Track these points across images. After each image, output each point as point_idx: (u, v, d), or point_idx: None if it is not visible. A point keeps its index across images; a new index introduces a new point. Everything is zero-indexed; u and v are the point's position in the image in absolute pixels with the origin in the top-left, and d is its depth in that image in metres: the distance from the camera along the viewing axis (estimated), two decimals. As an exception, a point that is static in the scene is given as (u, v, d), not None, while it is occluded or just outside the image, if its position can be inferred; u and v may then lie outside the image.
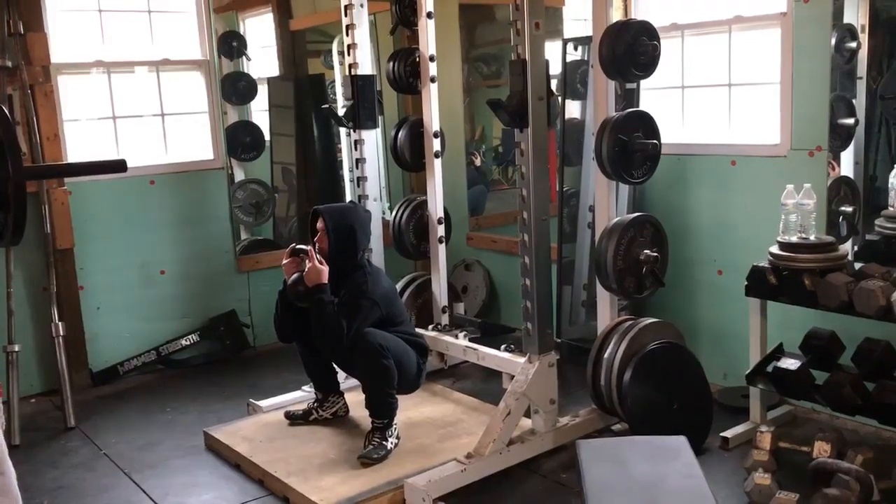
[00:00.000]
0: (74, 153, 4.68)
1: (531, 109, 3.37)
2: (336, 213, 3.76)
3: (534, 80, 3.36)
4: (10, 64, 4.30)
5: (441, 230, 4.53)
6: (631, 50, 3.44)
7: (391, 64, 4.55)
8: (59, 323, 4.37)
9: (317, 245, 3.70)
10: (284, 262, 3.68)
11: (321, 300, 3.52)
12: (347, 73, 4.41)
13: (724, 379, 4.21)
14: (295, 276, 3.61)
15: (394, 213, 4.68)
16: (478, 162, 5.81)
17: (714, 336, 4.26)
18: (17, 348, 4.21)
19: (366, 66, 4.39)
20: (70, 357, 4.44)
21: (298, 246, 3.67)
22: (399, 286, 4.61)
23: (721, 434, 3.61)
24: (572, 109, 4.84)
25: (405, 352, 3.68)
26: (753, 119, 4.09)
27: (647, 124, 3.57)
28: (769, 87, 3.93)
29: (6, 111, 2.62)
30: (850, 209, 3.74)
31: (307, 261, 3.57)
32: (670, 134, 4.19)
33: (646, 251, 3.57)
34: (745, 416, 3.74)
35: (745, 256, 3.75)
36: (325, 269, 3.57)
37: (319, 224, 3.72)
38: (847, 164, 3.79)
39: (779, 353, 3.57)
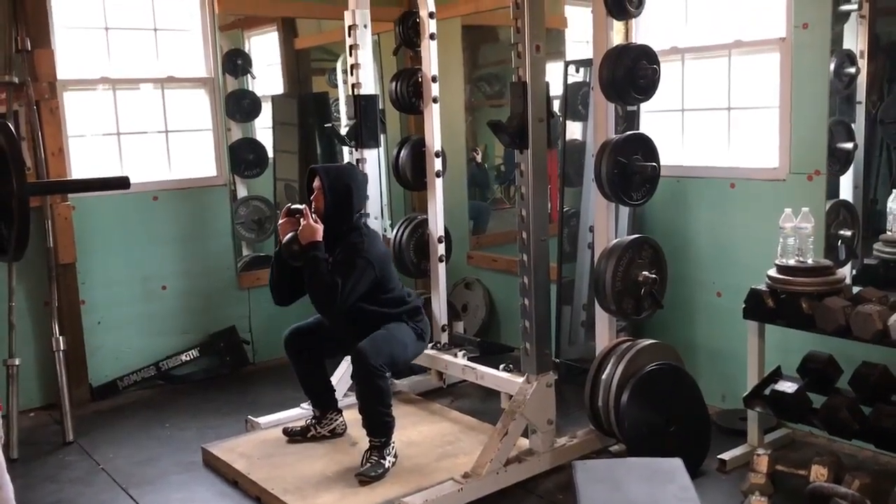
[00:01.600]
0: (79, 169, 4.70)
1: (531, 131, 3.40)
2: (333, 172, 3.74)
3: (534, 101, 3.39)
4: (16, 80, 4.34)
5: (441, 249, 4.56)
6: (631, 73, 3.47)
7: (394, 84, 4.59)
8: (60, 337, 4.38)
9: (313, 204, 3.65)
10: (280, 221, 3.66)
11: (315, 257, 3.49)
12: (350, 92, 4.45)
13: (722, 401, 4.22)
14: (290, 234, 3.59)
15: (394, 231, 4.70)
16: (479, 158, 5.82)
17: (712, 358, 4.27)
18: (17, 362, 4.21)
19: (369, 86, 4.43)
20: (70, 371, 4.45)
21: (294, 206, 3.64)
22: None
23: (718, 456, 3.61)
24: (573, 130, 4.87)
25: (399, 341, 3.67)
26: (753, 142, 4.12)
27: (646, 147, 3.60)
28: (768, 110, 3.96)
29: (11, 127, 2.66)
30: (848, 233, 3.76)
31: (302, 220, 3.55)
32: (670, 156, 4.23)
33: (644, 272, 3.59)
34: (743, 439, 3.74)
35: (744, 278, 3.76)
36: (320, 227, 3.54)
37: (316, 183, 3.68)
38: (846, 188, 3.81)
39: (776, 376, 3.58)
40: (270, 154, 6.03)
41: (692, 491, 2.34)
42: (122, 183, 2.98)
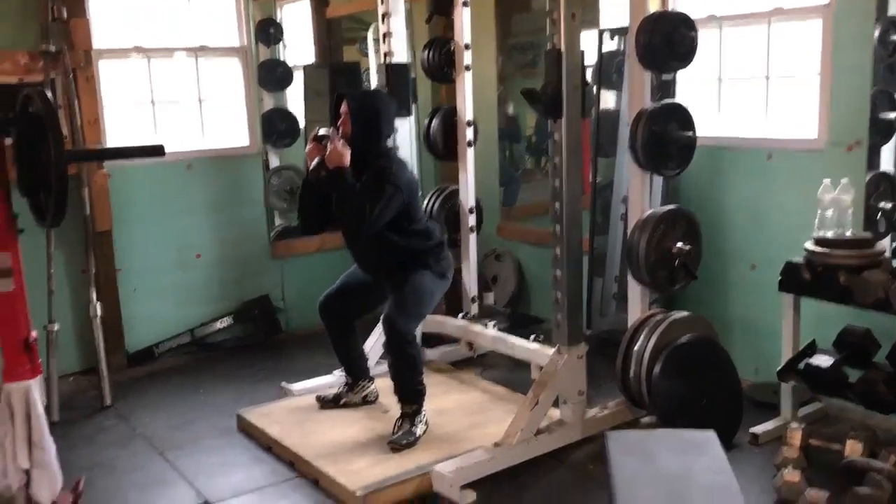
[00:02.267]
0: (113, 137, 4.74)
1: (566, 100, 3.37)
2: (360, 97, 3.69)
3: (569, 70, 3.35)
4: (53, 49, 4.36)
5: (472, 220, 4.55)
6: (668, 40, 3.42)
7: (426, 52, 4.56)
8: (97, 303, 4.45)
9: (340, 129, 3.58)
10: (308, 147, 3.61)
11: (343, 181, 3.43)
12: (382, 61, 4.43)
13: (755, 374, 4.18)
14: (316, 160, 3.55)
15: (425, 202, 4.69)
16: (510, 111, 5.76)
17: (746, 331, 4.23)
18: (56, 327, 4.29)
19: (401, 55, 4.40)
20: (107, 337, 4.52)
21: (321, 131, 3.57)
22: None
23: (751, 430, 3.58)
24: (607, 100, 4.81)
25: (426, 293, 3.66)
26: (791, 112, 4.04)
27: (682, 116, 3.55)
28: (808, 79, 3.88)
29: (49, 96, 2.69)
30: (889, 205, 3.68)
31: (329, 144, 3.49)
32: (706, 126, 4.15)
33: (678, 244, 3.56)
34: (776, 413, 3.71)
35: (779, 251, 3.71)
36: (347, 151, 3.47)
37: (343, 108, 3.60)
38: (888, 159, 3.73)
39: (811, 349, 3.53)
40: (302, 124, 6.04)
41: (725, 463, 2.33)
42: (157, 151, 3.01)
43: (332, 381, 4.22)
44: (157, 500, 3.34)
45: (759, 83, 4.16)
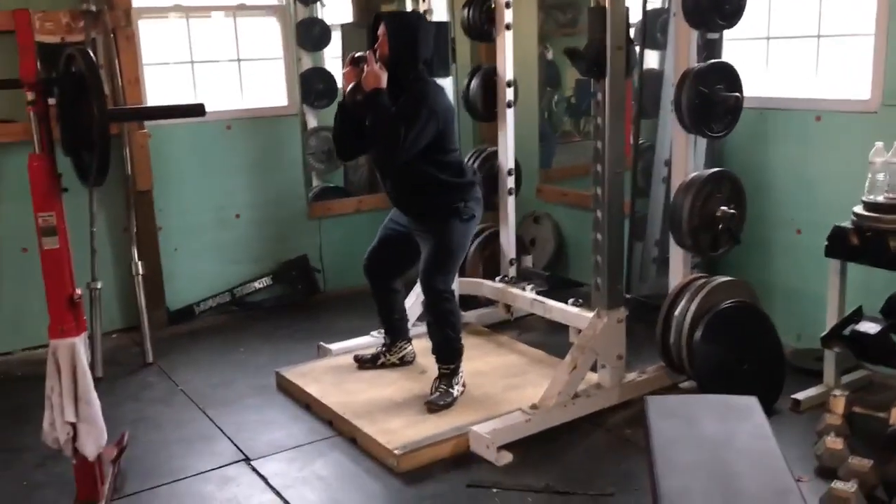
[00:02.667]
0: (154, 97, 4.77)
1: (609, 59, 3.30)
2: (398, 19, 3.65)
3: (613, 28, 3.27)
4: (94, 8, 4.38)
5: (511, 182, 4.51)
6: (716, -1, 3.31)
7: (466, 10, 4.49)
8: (139, 262, 4.51)
9: (377, 52, 3.51)
10: (344, 70, 3.56)
11: (378, 102, 3.37)
12: (422, 19, 4.36)
13: (797, 340, 4.12)
14: (353, 83, 3.50)
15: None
16: (549, 55, 5.67)
17: (789, 296, 4.16)
18: (99, 285, 4.36)
19: (440, 13, 4.34)
20: (149, 296, 4.59)
21: (358, 54, 3.51)
22: (468, 237, 4.60)
23: (792, 396, 3.54)
24: (651, 60, 4.71)
25: (459, 245, 3.63)
26: (842, 73, 3.92)
27: (729, 76, 3.46)
28: (861, 38, 3.75)
29: (91, 55, 2.69)
30: (943, 170, 3.57)
31: (366, 66, 3.44)
32: (753, 87, 4.04)
33: (723, 208, 3.49)
34: (818, 379, 3.66)
35: (825, 216, 3.62)
36: (384, 73, 3.42)
37: (381, 30, 3.53)
38: (943, 122, 3.61)
39: (858, 316, 3.46)
40: (339, 84, 6.00)
41: (767, 429, 2.30)
42: (198, 110, 3.00)
43: (370, 341, 4.24)
44: (199, 455, 3.39)
45: (809, 42, 4.04)
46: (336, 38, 6.09)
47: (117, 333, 4.77)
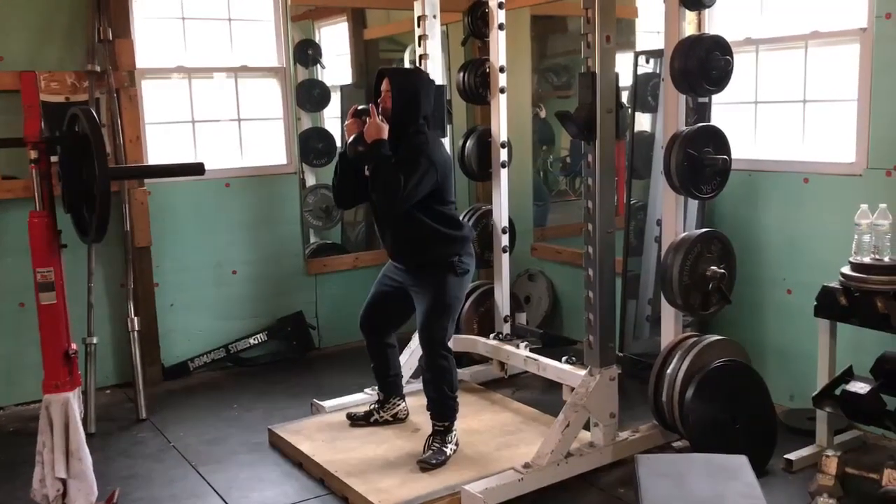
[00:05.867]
0: (155, 155, 4.85)
1: (600, 122, 3.38)
2: (401, 75, 3.76)
3: (603, 92, 3.36)
4: (98, 69, 4.49)
5: (505, 240, 4.57)
6: (703, 64, 3.41)
7: (461, 74, 4.61)
8: (135, 318, 4.53)
9: (380, 106, 3.61)
10: (346, 122, 3.63)
11: (379, 153, 3.45)
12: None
13: (790, 400, 4.13)
14: (354, 135, 3.57)
15: (459, 221, 4.72)
16: (542, 114, 5.77)
17: (781, 356, 4.18)
18: (94, 340, 4.38)
19: (436, 76, 4.44)
20: (144, 351, 4.60)
21: (360, 107, 3.60)
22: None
23: (785, 456, 3.54)
24: (642, 122, 4.82)
25: (454, 298, 3.67)
26: (828, 136, 4.01)
27: (717, 139, 3.54)
28: (846, 104, 3.85)
29: (95, 115, 2.76)
30: (928, 231, 3.63)
31: (368, 119, 3.52)
32: (742, 150, 4.15)
33: (713, 267, 3.54)
34: (811, 440, 3.66)
35: (815, 276, 3.67)
36: (386, 126, 3.51)
37: (384, 85, 3.64)
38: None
39: (848, 375, 3.48)
40: (339, 144, 6.12)
41: (758, 489, 2.32)
42: (197, 169, 3.08)
43: (364, 398, 4.25)
44: (189, 513, 3.38)
45: (795, 107, 4.14)
46: (335, 98, 6.23)
47: (111, 389, 4.77)
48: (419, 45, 4.45)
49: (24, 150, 2.81)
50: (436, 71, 4.44)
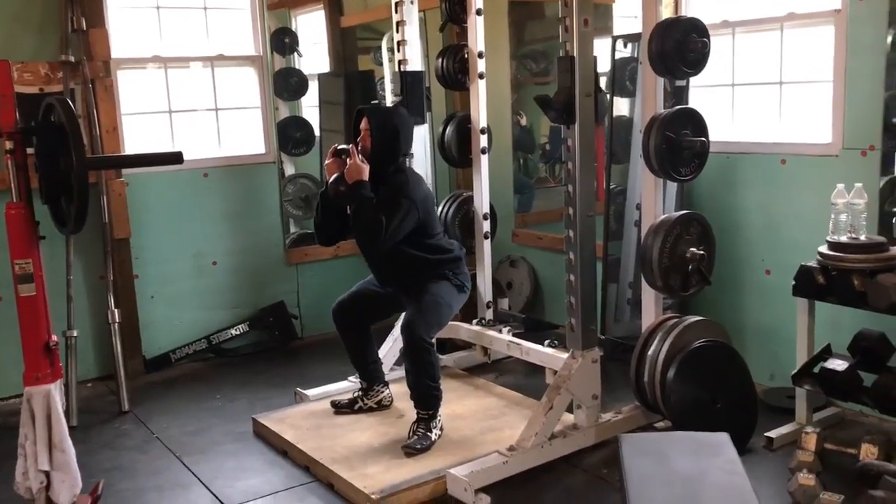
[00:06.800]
0: (132, 146, 4.81)
1: (578, 106, 3.39)
2: (380, 114, 3.78)
3: (581, 76, 3.37)
4: (73, 59, 4.44)
5: (486, 226, 4.58)
6: (680, 47, 3.44)
7: (440, 60, 4.61)
8: (115, 310, 4.51)
9: (360, 145, 3.67)
10: (327, 162, 3.69)
11: (360, 194, 3.52)
12: (397, 69, 4.47)
13: (770, 379, 4.18)
14: (336, 175, 3.62)
15: (440, 208, 4.72)
16: (523, 122, 5.79)
17: (761, 336, 4.23)
18: (75, 333, 4.35)
19: (415, 63, 4.44)
20: (125, 343, 4.57)
21: (340, 146, 3.66)
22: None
23: (766, 434, 3.59)
24: (621, 107, 4.83)
25: (445, 304, 3.71)
26: (804, 117, 4.05)
27: (695, 122, 3.57)
28: (821, 85, 3.89)
29: (71, 105, 2.74)
30: (903, 210, 3.68)
31: (349, 159, 3.57)
32: (720, 132, 4.18)
33: (692, 249, 3.57)
34: (791, 417, 3.71)
35: (793, 256, 3.71)
36: (366, 167, 3.57)
37: (363, 124, 3.69)
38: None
39: (826, 353, 3.52)
40: (317, 132, 6.10)
41: (739, 464, 2.35)
42: (175, 158, 3.06)
43: (347, 386, 4.25)
44: (174, 503, 3.37)
45: (772, 89, 4.17)
46: (313, 87, 6.20)
47: (93, 382, 4.74)
48: (397, 32, 4.43)
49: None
50: (414, 57, 4.43)
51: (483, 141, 4.49)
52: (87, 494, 3.18)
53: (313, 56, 6.38)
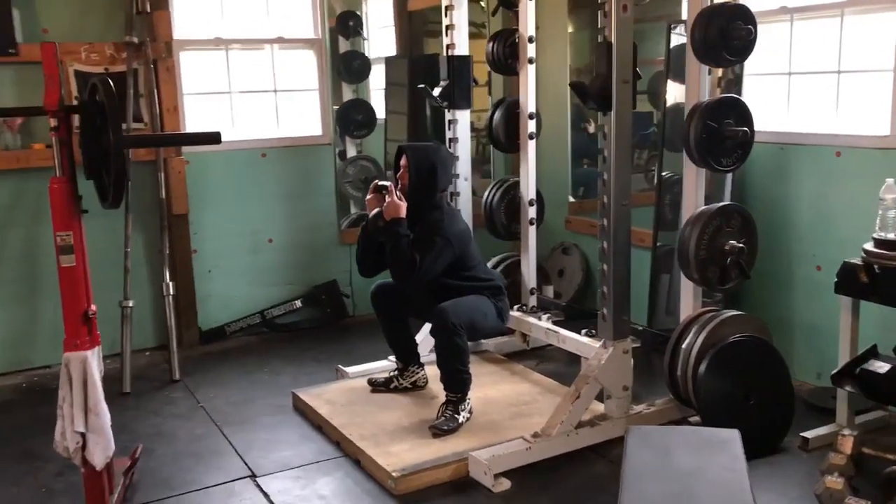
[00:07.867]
0: (192, 125, 4.98)
1: (615, 92, 3.34)
2: (419, 152, 3.85)
3: (619, 62, 3.32)
4: (136, 40, 4.62)
5: (532, 212, 4.55)
6: (724, 34, 3.33)
7: (490, 45, 4.59)
8: (170, 283, 4.69)
9: (399, 182, 3.80)
10: (368, 197, 3.82)
11: (397, 233, 3.62)
12: (445, 53, 4.49)
13: (817, 378, 4.04)
14: (375, 210, 3.75)
15: (486, 193, 4.73)
16: (591, 129, 5.72)
17: (809, 334, 4.09)
18: (131, 304, 4.55)
19: (463, 47, 4.44)
20: (180, 315, 4.77)
21: (381, 182, 3.79)
22: (490, 265, 4.65)
23: (801, 434, 3.48)
24: (677, 94, 4.72)
25: (480, 310, 3.76)
26: (862, 108, 3.87)
27: (739, 110, 3.46)
28: (881, 74, 3.71)
29: (111, 84, 2.85)
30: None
31: (388, 196, 3.68)
32: (774, 122, 4.04)
33: (731, 241, 3.47)
34: (833, 419, 3.58)
35: (846, 252, 3.56)
36: (404, 204, 3.67)
37: (402, 161, 3.82)
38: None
39: (871, 354, 3.38)
40: (381, 115, 6.16)
41: (742, 462, 2.30)
42: (213, 138, 3.14)
43: (387, 365, 4.32)
44: (208, 470, 3.50)
45: (830, 77, 4.00)
46: (379, 70, 6.26)
47: (150, 351, 4.95)
48: (445, 16, 4.44)
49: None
50: (462, 41, 4.44)
51: (531, 126, 4.46)
52: (126, 457, 3.36)
53: (381, 39, 6.44)
